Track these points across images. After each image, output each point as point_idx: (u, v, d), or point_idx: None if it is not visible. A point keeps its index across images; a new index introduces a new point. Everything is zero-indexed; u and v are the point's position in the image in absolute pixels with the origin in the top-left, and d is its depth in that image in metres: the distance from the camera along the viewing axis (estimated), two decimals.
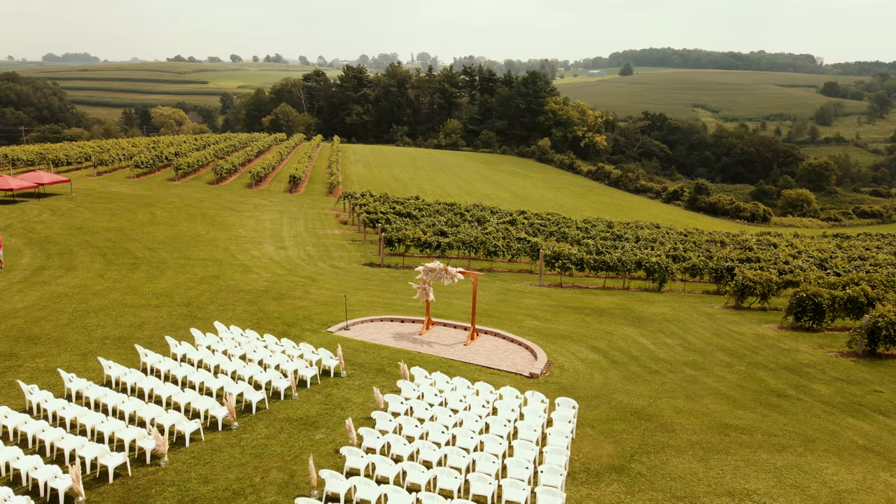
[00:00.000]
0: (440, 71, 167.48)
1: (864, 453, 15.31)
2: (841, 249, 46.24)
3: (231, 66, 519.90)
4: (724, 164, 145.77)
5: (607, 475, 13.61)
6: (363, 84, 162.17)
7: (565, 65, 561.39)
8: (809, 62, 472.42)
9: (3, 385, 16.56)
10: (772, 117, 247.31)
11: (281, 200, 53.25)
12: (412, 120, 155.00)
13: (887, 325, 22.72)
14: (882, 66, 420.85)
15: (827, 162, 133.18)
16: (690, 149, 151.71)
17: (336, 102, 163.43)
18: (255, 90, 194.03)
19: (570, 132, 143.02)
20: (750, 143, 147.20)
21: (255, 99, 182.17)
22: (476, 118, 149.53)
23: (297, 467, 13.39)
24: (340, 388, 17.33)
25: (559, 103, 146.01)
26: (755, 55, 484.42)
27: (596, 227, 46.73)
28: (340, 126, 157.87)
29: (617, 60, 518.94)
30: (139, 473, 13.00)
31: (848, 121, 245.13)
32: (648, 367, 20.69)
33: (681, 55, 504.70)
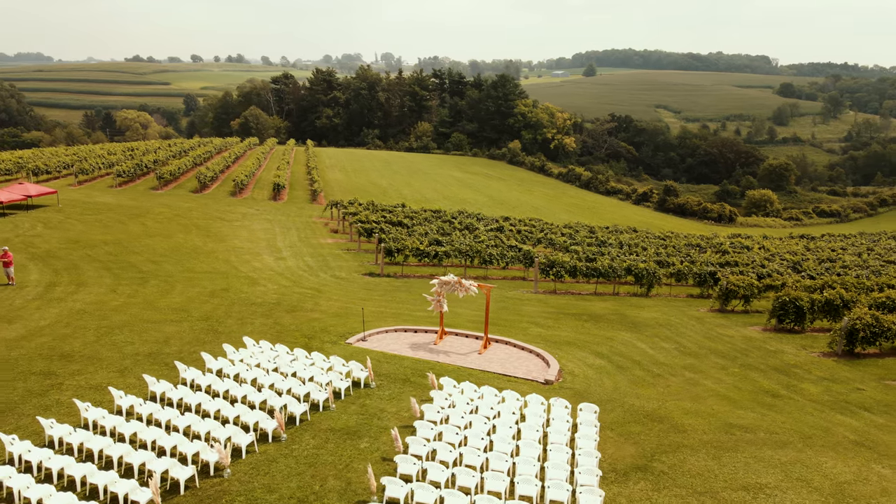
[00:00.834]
0: (410, 73, 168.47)
1: (857, 448, 16.97)
2: (809, 251, 48.70)
3: (192, 66, 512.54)
4: (689, 164, 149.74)
5: (633, 474, 14.97)
6: (333, 87, 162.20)
7: (529, 65, 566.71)
8: (765, 63, 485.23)
9: (50, 403, 17.25)
10: (731, 118, 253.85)
11: (267, 209, 53.80)
12: (383, 123, 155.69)
13: (864, 326, 24.63)
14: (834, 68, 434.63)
15: (786, 162, 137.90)
16: (656, 150, 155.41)
17: (306, 105, 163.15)
18: (223, 93, 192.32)
19: (539, 134, 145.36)
20: (713, 145, 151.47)
21: (223, 102, 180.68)
22: (447, 121, 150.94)
23: (350, 475, 14.46)
24: (373, 399, 18.40)
25: (528, 106, 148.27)
26: (713, 56, 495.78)
27: (579, 232, 48.44)
28: (310, 129, 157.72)
29: (580, 61, 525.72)
30: (206, 485, 13.93)
31: (804, 121, 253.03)
32: (651, 371, 22.20)
33: (642, 56, 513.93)
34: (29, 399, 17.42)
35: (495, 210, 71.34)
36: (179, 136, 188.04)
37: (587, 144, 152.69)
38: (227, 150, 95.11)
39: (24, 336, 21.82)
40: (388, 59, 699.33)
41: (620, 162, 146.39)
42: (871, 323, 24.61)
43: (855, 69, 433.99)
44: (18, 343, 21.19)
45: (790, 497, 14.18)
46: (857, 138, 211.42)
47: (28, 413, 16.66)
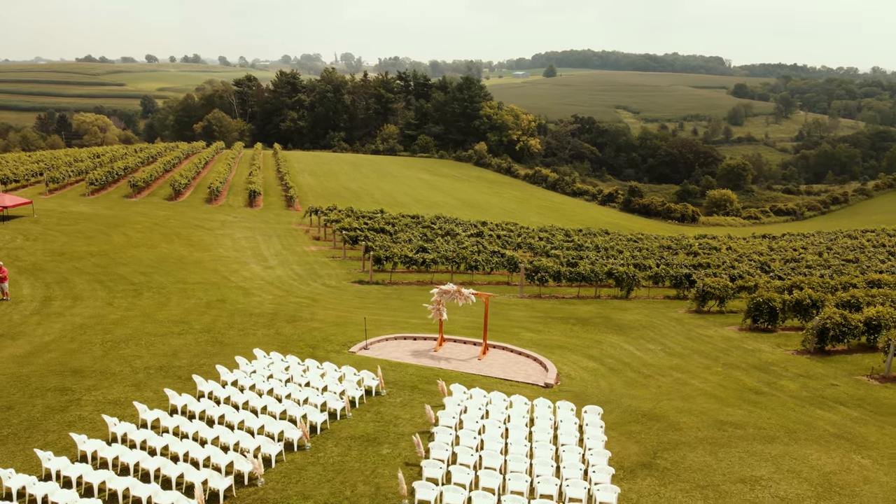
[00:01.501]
0: (374, 76, 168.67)
1: (837, 440, 18.43)
2: (773, 251, 50.93)
3: (147, 66, 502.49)
4: (650, 165, 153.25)
5: (640, 471, 16.12)
6: (297, 89, 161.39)
7: (490, 65, 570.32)
8: (719, 64, 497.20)
9: (73, 419, 17.66)
10: (689, 118, 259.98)
11: (245, 216, 53.93)
12: (349, 125, 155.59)
13: (834, 325, 26.35)
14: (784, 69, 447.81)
15: (743, 162, 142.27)
16: (618, 150, 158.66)
17: (270, 108, 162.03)
18: (185, 95, 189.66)
19: (505, 136, 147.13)
20: (673, 145, 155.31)
21: (185, 104, 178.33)
22: (413, 123, 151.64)
23: (378, 480, 15.29)
24: (386, 406, 19.23)
25: (494, 108, 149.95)
26: (669, 57, 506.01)
27: (555, 236, 49.83)
28: (275, 132, 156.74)
29: (540, 61, 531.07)
30: (242, 494, 14.62)
31: (757, 121, 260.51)
32: (642, 372, 23.48)
33: (600, 57, 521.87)
34: (50, 415, 17.79)
35: (466, 213, 72.46)
36: (138, 138, 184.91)
37: (551, 146, 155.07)
38: (195, 155, 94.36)
39: (31, 352, 22.04)
40: (347, 59, 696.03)
41: (584, 163, 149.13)
42: (840, 322, 26.33)
43: (804, 70, 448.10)
44: (27, 359, 21.42)
45: (783, 488, 15.49)
46: (808, 138, 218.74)
47: (52, 429, 17.05)
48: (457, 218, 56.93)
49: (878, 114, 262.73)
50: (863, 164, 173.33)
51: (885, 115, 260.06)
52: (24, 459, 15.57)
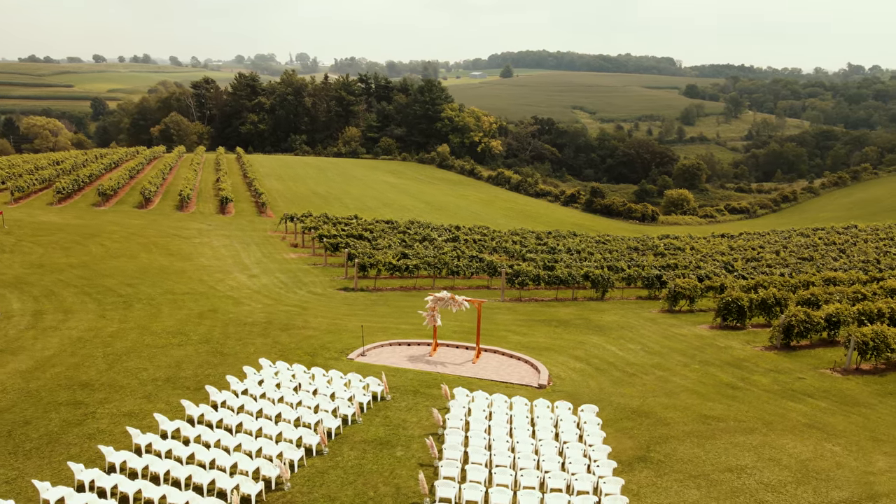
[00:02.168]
0: (335, 78, 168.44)
1: (809, 430, 20.12)
2: (733, 250, 53.37)
3: (96, 67, 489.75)
4: (609, 165, 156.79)
5: (636, 464, 17.47)
6: (257, 92, 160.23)
7: (447, 66, 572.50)
8: (670, 65, 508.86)
9: (92, 431, 18.17)
10: (643, 118, 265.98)
11: (219, 224, 54.02)
12: (310, 128, 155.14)
13: (798, 322, 28.28)
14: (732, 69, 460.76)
15: (698, 162, 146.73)
16: (578, 151, 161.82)
17: (229, 111, 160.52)
18: (140, 97, 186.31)
19: (466, 138, 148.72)
20: (630, 146, 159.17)
21: (140, 107, 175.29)
22: (374, 126, 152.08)
23: (397, 481, 16.28)
24: (392, 411, 20.20)
25: (455, 110, 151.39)
26: (622, 58, 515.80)
27: (527, 239, 51.29)
28: (235, 135, 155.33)
29: (496, 62, 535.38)
30: (271, 498, 15.45)
31: (708, 121, 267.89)
32: (626, 371, 24.94)
33: (555, 57, 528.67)
34: (68, 429, 18.27)
35: (435, 216, 73.59)
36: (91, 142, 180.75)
37: (512, 147, 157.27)
38: (157, 160, 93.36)
39: (35, 367, 22.33)
40: (303, 59, 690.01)
41: (545, 164, 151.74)
42: (804, 319, 28.28)
43: (751, 71, 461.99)
44: (33, 374, 21.73)
45: (766, 475, 17.01)
46: (757, 137, 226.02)
47: (74, 442, 17.56)
48: (430, 223, 57.99)
49: (821, 113, 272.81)
50: (809, 162, 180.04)
51: (829, 114, 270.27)
52: (51, 473, 16.08)
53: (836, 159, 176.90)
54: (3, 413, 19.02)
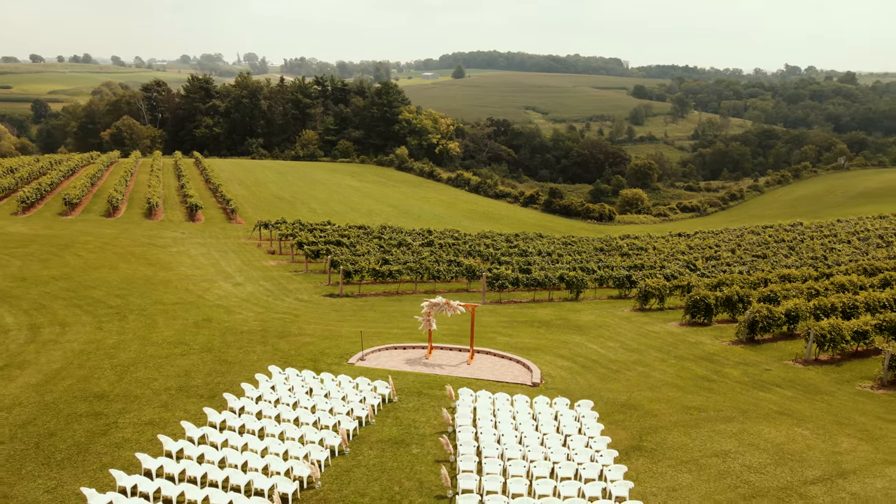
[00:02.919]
0: (291, 81, 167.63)
1: (781, 416, 22.20)
2: (691, 249, 56.14)
3: (34, 67, 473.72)
4: (564, 165, 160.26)
5: (633, 453, 19.17)
6: (211, 95, 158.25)
7: (398, 66, 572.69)
8: (618, 65, 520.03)
9: (119, 441, 18.93)
10: (594, 118, 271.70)
11: (192, 232, 54.13)
12: (266, 131, 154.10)
13: (762, 318, 30.60)
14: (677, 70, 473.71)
15: (649, 162, 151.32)
16: (533, 152, 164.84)
17: (182, 114, 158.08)
18: (88, 101, 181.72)
19: (424, 140, 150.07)
20: (584, 146, 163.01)
21: (87, 110, 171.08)
22: (332, 128, 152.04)
23: (419, 476, 17.59)
24: (401, 412, 21.49)
25: (413, 112, 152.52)
26: (572, 58, 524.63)
27: (496, 241, 52.99)
28: (189, 139, 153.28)
29: (447, 62, 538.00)
30: (305, 496, 16.60)
31: (656, 121, 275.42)
32: (610, 367, 26.75)
33: (506, 58, 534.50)
34: (95, 439, 18.99)
35: (401, 220, 74.80)
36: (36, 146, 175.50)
37: (469, 148, 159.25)
38: (114, 165, 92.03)
39: (45, 381, 22.82)
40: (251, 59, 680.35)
41: (502, 165, 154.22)
42: (767, 315, 30.62)
43: (695, 71, 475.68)
44: (45, 388, 22.25)
45: (748, 458, 18.92)
46: (703, 136, 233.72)
47: (104, 451, 18.32)
48: (402, 227, 59.18)
49: (762, 113, 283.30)
50: (753, 161, 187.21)
51: (769, 114, 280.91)
52: (89, 481, 16.84)
53: (777, 158, 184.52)
54: (26, 426, 19.60)
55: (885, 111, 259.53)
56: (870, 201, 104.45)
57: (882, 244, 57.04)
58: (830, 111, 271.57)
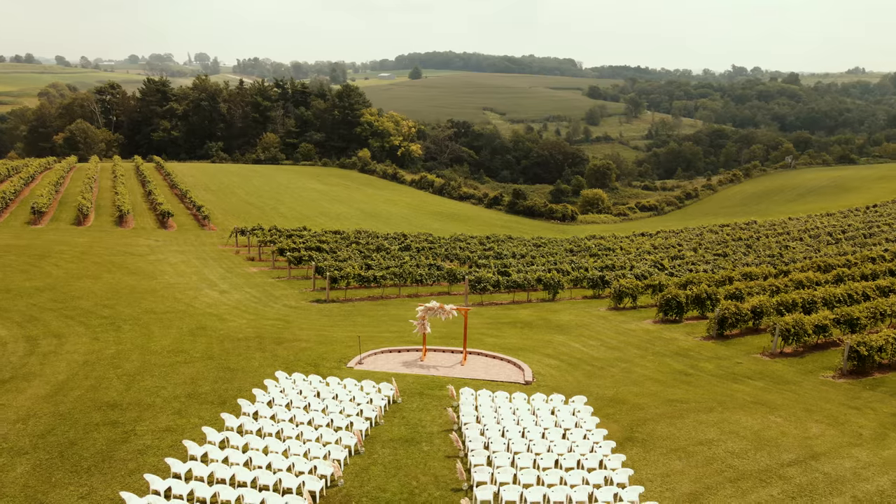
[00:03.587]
0: (251, 83, 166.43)
1: (755, 406, 24.12)
2: (655, 248, 58.56)
3: None
4: (524, 166, 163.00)
5: (627, 444, 20.76)
6: (168, 98, 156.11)
7: (354, 66, 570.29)
8: (572, 66, 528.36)
9: (141, 447, 19.66)
10: (551, 118, 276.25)
11: (167, 240, 54.16)
12: (226, 134, 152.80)
13: (731, 315, 32.70)
14: (629, 70, 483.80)
15: (607, 162, 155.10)
16: (494, 153, 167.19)
17: (138, 118, 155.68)
18: (39, 104, 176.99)
19: (387, 142, 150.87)
20: (544, 147, 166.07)
21: (38, 113, 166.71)
22: (293, 131, 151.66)
23: (433, 471, 18.82)
24: (406, 412, 22.68)
25: (374, 114, 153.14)
26: (527, 59, 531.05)
27: (470, 244, 54.46)
28: (146, 143, 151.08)
29: (403, 63, 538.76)
30: (330, 493, 17.68)
31: (611, 121, 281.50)
32: (594, 365, 28.41)
33: (462, 58, 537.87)
34: (116, 447, 19.69)
35: (371, 223, 75.73)
36: None
37: (431, 150, 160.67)
38: (73, 171, 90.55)
39: (54, 392, 23.30)
40: (202, 59, 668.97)
41: (463, 166, 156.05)
42: (735, 311, 32.75)
43: (646, 72, 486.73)
44: (56, 399, 22.75)
45: (730, 445, 20.70)
46: (656, 136, 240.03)
47: (128, 458, 19.06)
48: (375, 231, 60.16)
49: (712, 113, 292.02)
50: (704, 160, 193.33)
51: (719, 114, 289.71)
52: (120, 486, 17.59)
53: (728, 157, 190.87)
54: (46, 436, 20.17)
55: (826, 111, 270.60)
56: (817, 198, 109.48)
57: (832, 241, 60.43)
58: (776, 111, 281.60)
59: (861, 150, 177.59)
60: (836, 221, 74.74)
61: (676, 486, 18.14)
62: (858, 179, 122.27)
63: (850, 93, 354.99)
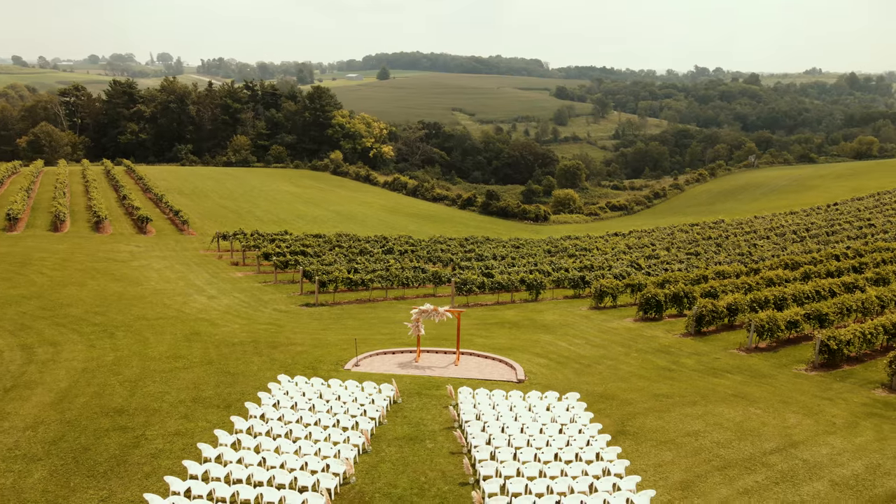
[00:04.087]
0: (220, 85, 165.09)
1: (736, 399, 25.51)
2: (630, 248, 60.23)
3: None
4: (496, 167, 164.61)
5: (619, 436, 21.92)
6: (136, 100, 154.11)
7: (321, 67, 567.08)
8: (539, 66, 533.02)
9: (154, 451, 20.21)
10: (520, 119, 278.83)
11: (147, 245, 54.09)
12: (196, 137, 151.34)
13: (708, 312, 34.22)
14: (595, 71, 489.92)
15: (577, 162, 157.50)
16: (465, 154, 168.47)
17: (105, 120, 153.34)
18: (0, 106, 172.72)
19: (359, 144, 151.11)
20: (514, 148, 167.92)
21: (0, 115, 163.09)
22: (264, 133, 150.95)
23: (440, 467, 19.73)
24: (407, 412, 23.55)
25: (346, 116, 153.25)
26: (494, 59, 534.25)
27: (451, 246, 55.44)
28: (113, 146, 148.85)
29: (371, 63, 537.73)
30: (344, 490, 18.49)
31: (579, 121, 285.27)
32: (581, 363, 29.59)
33: (429, 59, 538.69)
34: (129, 451, 20.21)
35: (349, 226, 76.26)
36: None
37: (402, 151, 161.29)
38: (42, 175, 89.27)
39: (59, 399, 23.63)
40: (165, 59, 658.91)
41: (435, 167, 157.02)
42: (712, 309, 34.27)
43: (612, 72, 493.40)
44: (62, 406, 23.10)
45: (715, 436, 22.00)
46: (623, 136, 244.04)
47: (142, 462, 19.61)
48: (356, 234, 60.76)
49: (677, 113, 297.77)
50: (671, 159, 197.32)
51: (683, 114, 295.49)
52: (140, 489, 18.15)
53: (693, 156, 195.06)
54: (58, 443, 20.58)
55: (786, 111, 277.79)
56: (780, 197, 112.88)
57: (797, 239, 62.80)
58: (738, 111, 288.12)
59: (820, 149, 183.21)
60: (799, 220, 77.46)
61: (669, 476, 19.33)
62: (818, 178, 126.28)
63: (808, 93, 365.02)
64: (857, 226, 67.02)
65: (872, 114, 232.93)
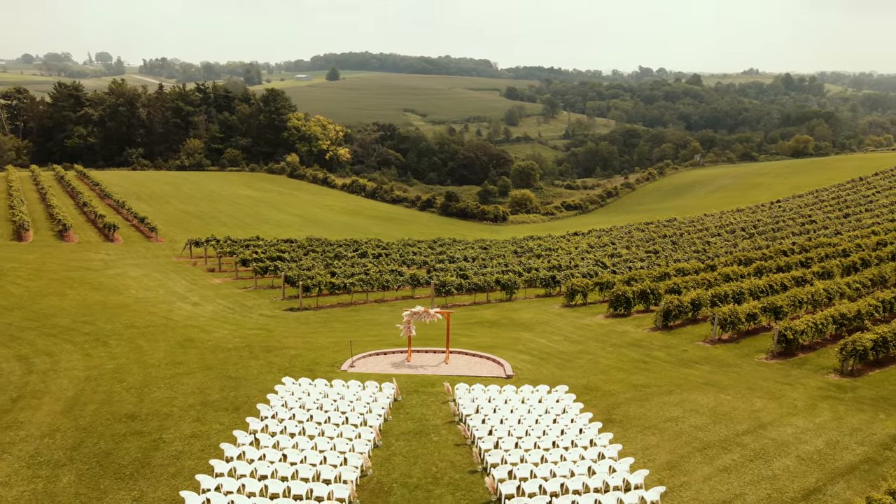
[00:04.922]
0: (171, 88, 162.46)
1: (707, 387, 27.81)
2: (592, 248, 62.80)
3: None
4: (451, 168, 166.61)
5: (607, 425, 23.85)
6: (82, 103, 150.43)
7: (268, 67, 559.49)
8: (488, 66, 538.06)
9: (175, 453, 21.18)
10: (472, 119, 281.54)
11: (118, 253, 53.92)
12: (147, 141, 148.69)
13: (674, 307, 36.64)
14: (543, 72, 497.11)
15: (531, 163, 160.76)
16: (420, 156, 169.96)
17: (50, 124, 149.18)
18: None
19: (314, 146, 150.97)
20: (469, 149, 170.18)
21: None
22: (218, 136, 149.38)
23: (449, 458, 21.29)
24: (409, 409, 25.02)
25: (301, 119, 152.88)
26: (443, 60, 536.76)
27: (420, 248, 56.94)
28: (59, 150, 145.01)
29: (319, 63, 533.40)
30: (363, 482, 19.88)
31: (530, 121, 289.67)
32: (563, 358, 31.54)
33: (379, 59, 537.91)
34: (151, 454, 21.14)
35: (314, 230, 76.91)
36: None
37: (358, 153, 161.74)
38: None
39: (69, 407, 24.27)
40: (104, 59, 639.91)
41: (391, 169, 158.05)
42: (678, 304, 36.71)
43: (559, 73, 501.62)
44: (73, 413, 23.77)
45: (692, 420, 24.17)
46: (573, 136, 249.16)
47: (165, 463, 20.59)
48: (326, 238, 61.65)
49: (623, 113, 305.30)
50: (620, 159, 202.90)
51: (630, 114, 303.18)
52: (170, 488, 19.16)
53: (641, 155, 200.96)
54: (78, 448, 21.36)
55: (727, 111, 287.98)
56: (726, 194, 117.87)
57: (746, 236, 66.46)
58: (682, 111, 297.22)
59: (760, 147, 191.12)
60: (746, 217, 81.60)
61: (656, 457, 21.34)
62: (761, 176, 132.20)
63: (747, 93, 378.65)
64: (799, 222, 71.24)
65: (807, 113, 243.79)
